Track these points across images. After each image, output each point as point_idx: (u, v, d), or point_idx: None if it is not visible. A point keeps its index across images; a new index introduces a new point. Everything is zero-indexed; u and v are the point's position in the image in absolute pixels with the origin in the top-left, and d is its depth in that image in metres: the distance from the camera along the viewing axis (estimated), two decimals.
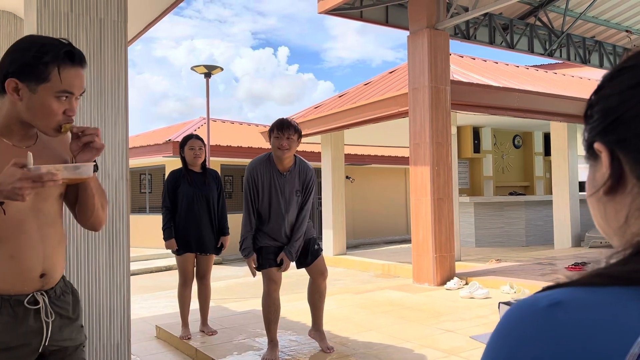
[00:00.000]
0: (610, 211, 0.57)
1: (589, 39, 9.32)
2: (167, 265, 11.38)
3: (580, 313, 0.48)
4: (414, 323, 4.81)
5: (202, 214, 4.33)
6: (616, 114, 0.55)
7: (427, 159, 6.73)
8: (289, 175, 3.64)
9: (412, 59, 6.97)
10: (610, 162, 0.56)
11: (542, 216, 11.66)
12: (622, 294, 0.48)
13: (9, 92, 1.37)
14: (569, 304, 0.49)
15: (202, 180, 4.40)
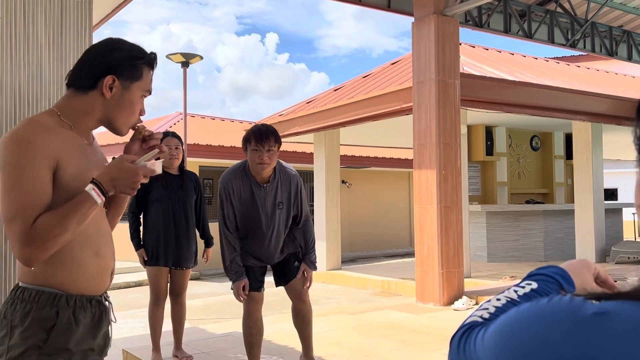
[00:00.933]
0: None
1: (616, 28, 9.40)
2: (137, 280, 11.33)
3: (627, 326, 0.50)
4: (417, 348, 4.81)
5: (179, 222, 4.31)
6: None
7: (433, 161, 6.74)
8: (269, 187, 3.54)
9: (417, 49, 7.00)
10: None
11: (562, 227, 11.71)
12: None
13: (103, 88, 1.61)
14: (615, 315, 0.51)
15: (179, 183, 4.37)
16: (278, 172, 3.59)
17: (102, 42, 1.69)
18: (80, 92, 1.63)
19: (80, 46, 2.41)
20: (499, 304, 0.79)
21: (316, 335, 5.29)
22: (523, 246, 11.44)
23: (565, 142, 12.88)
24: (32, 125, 1.54)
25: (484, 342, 0.66)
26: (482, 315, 0.77)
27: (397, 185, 17.93)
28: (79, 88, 1.63)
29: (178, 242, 4.31)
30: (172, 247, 4.29)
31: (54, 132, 1.56)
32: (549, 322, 0.54)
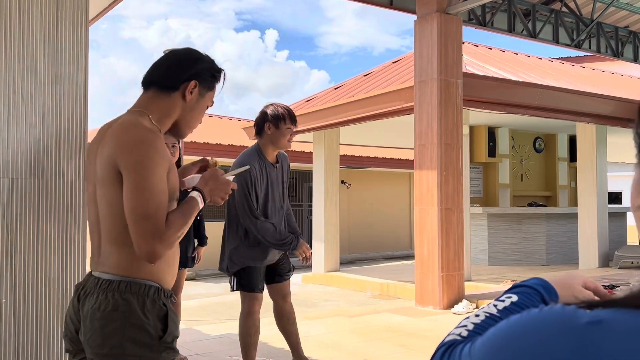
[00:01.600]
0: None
1: (622, 28, 9.41)
2: None
3: (622, 335, 0.50)
4: (417, 352, 4.82)
5: None
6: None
7: (434, 162, 6.75)
8: (279, 167, 3.83)
9: (419, 48, 7.01)
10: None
11: (565, 231, 11.73)
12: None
13: (186, 91, 1.81)
14: (610, 324, 0.51)
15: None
16: (279, 153, 3.89)
17: (186, 50, 1.91)
18: (164, 92, 1.80)
19: (75, 41, 2.42)
20: (478, 320, 0.78)
21: (314, 338, 5.31)
22: (525, 250, 11.45)
23: (569, 144, 12.89)
24: (149, 130, 1.72)
25: (472, 356, 0.65)
26: (460, 333, 0.76)
27: (397, 186, 17.95)
28: (163, 88, 1.79)
29: None
30: None
31: (161, 137, 1.77)
32: (543, 331, 0.54)
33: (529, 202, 12.33)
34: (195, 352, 4.82)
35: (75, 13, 2.42)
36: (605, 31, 9.19)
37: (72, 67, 2.40)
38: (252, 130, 12.86)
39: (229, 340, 5.27)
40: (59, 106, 2.37)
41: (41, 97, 2.35)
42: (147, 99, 1.80)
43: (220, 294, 9.75)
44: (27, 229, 2.30)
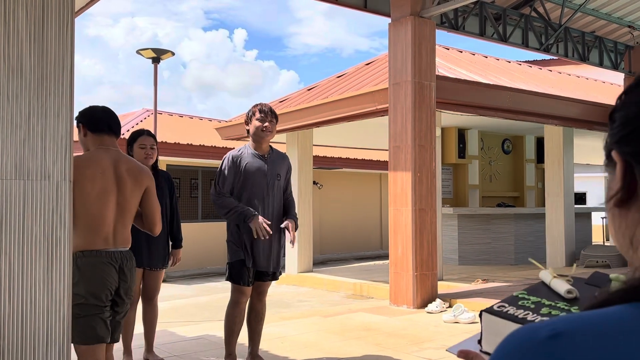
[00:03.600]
0: (621, 226, 0.62)
1: (588, 33, 9.69)
2: None
3: (580, 345, 0.51)
4: (392, 351, 4.89)
5: None
6: (634, 124, 0.59)
7: (408, 163, 6.85)
8: (269, 158, 4.22)
9: (393, 50, 7.10)
10: (624, 174, 0.60)
11: (533, 231, 12.00)
12: (625, 319, 0.52)
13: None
14: (569, 335, 0.52)
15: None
16: (274, 150, 4.32)
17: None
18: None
19: (62, 39, 2.41)
20: None
21: (290, 338, 5.34)
22: (494, 249, 11.67)
23: (537, 145, 13.18)
24: None
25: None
26: None
27: (368, 186, 18.08)
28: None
29: (152, 243, 4.30)
30: (146, 248, 4.29)
31: None
32: (508, 356, 0.54)
33: (498, 202, 12.57)
34: (172, 354, 4.80)
35: (60, 13, 2.41)
36: (573, 36, 9.44)
37: (58, 68, 2.39)
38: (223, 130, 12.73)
39: (206, 341, 5.26)
40: (44, 106, 2.36)
41: (27, 97, 2.33)
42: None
43: (192, 296, 9.69)
44: (13, 231, 2.28)
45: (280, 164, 4.30)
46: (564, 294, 1.00)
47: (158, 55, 10.55)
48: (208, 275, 12.80)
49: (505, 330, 0.93)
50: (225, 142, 13.14)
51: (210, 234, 14.06)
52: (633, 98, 0.62)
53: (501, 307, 1.00)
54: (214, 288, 10.45)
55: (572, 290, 1.00)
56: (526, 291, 1.04)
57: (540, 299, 1.00)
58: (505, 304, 1.01)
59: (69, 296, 2.39)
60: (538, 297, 1.01)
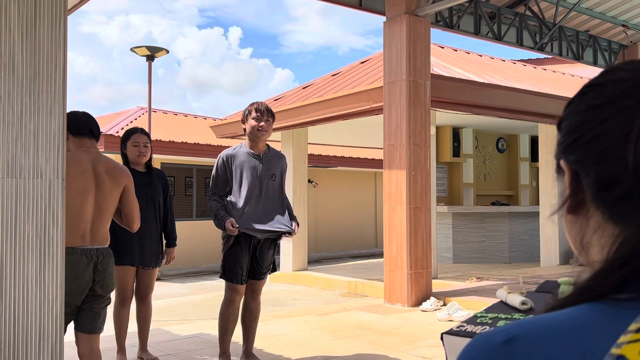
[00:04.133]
0: (572, 231, 0.64)
1: (582, 32, 9.71)
2: None
3: (535, 348, 0.53)
4: (386, 349, 4.90)
5: (147, 219, 4.29)
6: (577, 133, 0.62)
7: (403, 162, 6.85)
8: (265, 158, 4.21)
9: (388, 49, 7.09)
10: (571, 182, 0.62)
11: (527, 230, 12.03)
12: (576, 320, 0.54)
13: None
14: (523, 339, 0.54)
15: (147, 181, 4.37)
16: (271, 149, 4.32)
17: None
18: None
19: (54, 36, 2.39)
20: None
21: (285, 337, 5.34)
22: (488, 248, 11.70)
23: (531, 144, 13.22)
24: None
25: None
26: None
27: (364, 185, 18.08)
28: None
29: (145, 241, 4.30)
30: (139, 246, 4.28)
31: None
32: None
33: (492, 201, 12.59)
34: (166, 352, 4.79)
35: (53, 10, 2.39)
36: (567, 35, 9.46)
37: (50, 65, 2.37)
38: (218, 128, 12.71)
39: (200, 340, 5.25)
40: (37, 103, 2.35)
41: (19, 94, 2.31)
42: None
43: (186, 294, 9.67)
44: (5, 230, 2.27)
45: (276, 163, 4.27)
46: (518, 305, 1.05)
47: (152, 53, 10.51)
48: (202, 273, 12.78)
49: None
50: (220, 140, 13.12)
51: (204, 232, 14.04)
52: (576, 108, 0.64)
53: (460, 327, 1.04)
54: (208, 286, 10.43)
55: (526, 302, 1.05)
56: (484, 310, 1.07)
57: (497, 314, 1.04)
58: (464, 324, 1.05)
59: (61, 295, 2.38)
60: (495, 313, 1.04)
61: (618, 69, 0.64)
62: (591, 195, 0.60)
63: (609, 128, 0.58)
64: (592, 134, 0.60)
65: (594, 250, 0.60)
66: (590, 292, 0.56)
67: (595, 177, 0.59)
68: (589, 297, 0.56)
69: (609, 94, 0.61)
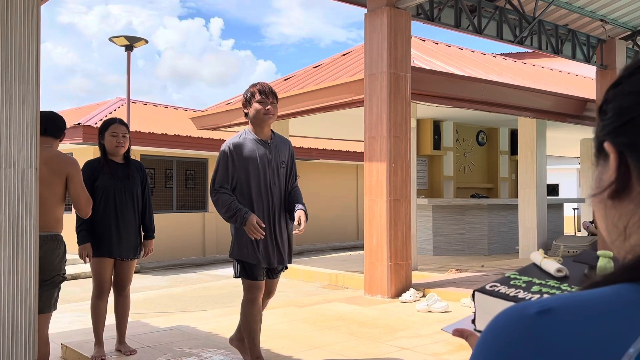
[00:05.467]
0: (613, 217, 0.62)
1: (561, 27, 9.78)
2: (72, 273, 11.01)
3: (570, 321, 0.53)
4: (366, 340, 4.92)
5: (125, 211, 4.26)
6: (630, 115, 0.59)
7: (383, 154, 6.87)
8: (272, 144, 3.85)
9: (369, 41, 7.09)
10: (618, 165, 0.60)
11: (506, 222, 12.15)
12: (615, 297, 0.54)
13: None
14: (559, 311, 0.54)
15: (125, 172, 4.33)
16: (276, 134, 3.95)
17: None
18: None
19: (27, 25, 2.34)
20: None
21: (266, 328, 5.32)
22: (468, 240, 11.80)
23: (510, 137, 13.33)
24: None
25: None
26: None
27: (345, 178, 18.11)
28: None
29: (124, 233, 4.26)
30: (117, 238, 4.24)
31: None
32: (499, 335, 0.56)
33: (472, 193, 12.69)
34: (144, 345, 4.75)
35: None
36: (546, 29, 9.53)
37: (23, 53, 2.32)
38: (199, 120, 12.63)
39: (179, 332, 5.22)
40: (9, 92, 2.30)
41: None
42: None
43: (166, 287, 9.62)
44: None
45: (283, 149, 3.90)
46: (554, 272, 1.02)
47: (131, 43, 10.38)
48: (183, 266, 12.71)
49: (497, 308, 0.95)
50: (201, 132, 13.02)
51: (185, 224, 13.96)
52: (626, 89, 0.61)
53: (493, 287, 1.02)
54: (188, 279, 10.38)
55: (561, 269, 1.02)
56: (518, 272, 1.06)
57: (531, 279, 1.02)
58: (497, 283, 1.03)
59: (35, 286, 2.34)
60: (529, 277, 1.03)
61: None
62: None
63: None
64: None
65: (638, 233, 0.59)
66: (633, 273, 0.55)
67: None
68: (631, 278, 0.55)
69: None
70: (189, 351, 4.59)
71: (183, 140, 13.34)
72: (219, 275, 10.70)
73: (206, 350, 4.62)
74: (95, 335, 4.37)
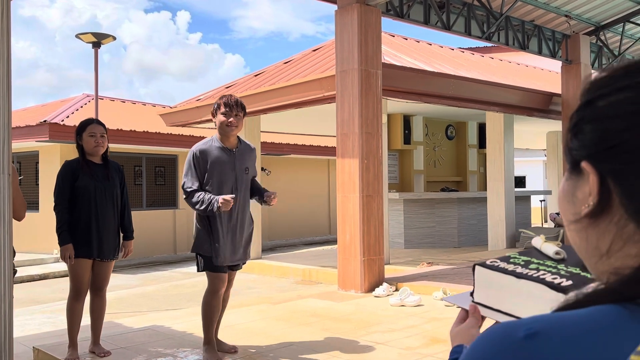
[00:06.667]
0: (592, 237, 0.62)
1: (528, 22, 9.96)
2: (41, 273, 10.84)
3: (557, 345, 0.53)
4: (340, 335, 4.97)
5: (105, 212, 4.28)
6: (614, 141, 0.58)
7: (355, 151, 6.92)
8: (237, 152, 4.17)
9: (340, 38, 7.12)
10: (600, 188, 0.59)
11: (475, 214, 12.36)
12: (601, 319, 0.55)
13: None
14: (545, 335, 0.54)
15: (104, 173, 4.35)
16: (242, 142, 4.28)
17: None
18: None
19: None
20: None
21: (239, 326, 5.35)
22: (438, 233, 11.97)
23: (479, 131, 13.54)
24: None
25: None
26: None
27: (317, 173, 18.15)
28: None
29: (104, 233, 4.28)
30: (98, 238, 4.26)
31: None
32: (486, 354, 0.56)
33: (442, 187, 12.87)
34: (119, 346, 4.73)
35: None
36: (513, 24, 9.69)
37: None
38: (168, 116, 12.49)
39: (153, 332, 5.20)
40: None
41: None
42: None
43: (138, 286, 9.53)
44: None
45: (248, 156, 4.25)
46: (552, 255, 1.07)
47: (99, 40, 10.22)
48: (154, 264, 12.60)
49: (495, 281, 1.02)
50: (170, 128, 12.90)
51: (155, 222, 13.84)
52: (609, 112, 0.59)
53: (493, 262, 1.07)
54: (160, 277, 10.30)
55: (560, 252, 1.06)
56: (518, 253, 1.11)
57: (530, 258, 1.07)
58: (497, 260, 1.08)
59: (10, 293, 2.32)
60: (528, 257, 1.08)
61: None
62: (632, 209, 0.57)
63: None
64: (635, 143, 0.56)
65: (620, 255, 0.59)
66: (618, 295, 0.55)
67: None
68: (616, 299, 0.55)
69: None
70: (164, 351, 4.58)
71: (152, 136, 13.20)
72: (190, 273, 10.64)
73: (181, 349, 4.62)
74: (70, 338, 4.33)
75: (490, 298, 1.03)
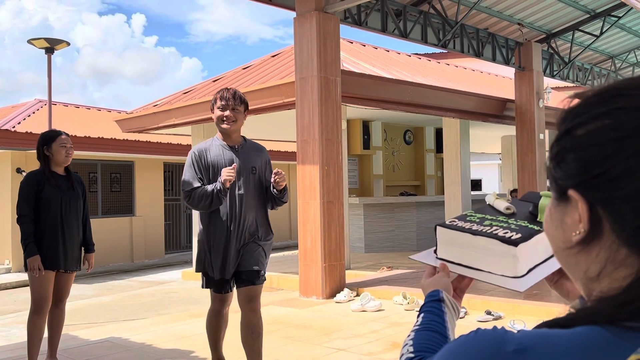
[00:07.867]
0: (581, 262, 0.63)
1: (482, 30, 10.21)
2: None
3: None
4: (302, 343, 4.98)
5: (70, 223, 4.24)
6: (598, 169, 0.59)
7: (316, 157, 6.95)
8: (241, 150, 3.75)
9: (299, 45, 7.15)
10: (590, 216, 0.60)
11: (433, 218, 12.55)
12: (587, 339, 0.57)
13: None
14: (534, 351, 0.56)
15: (68, 184, 4.31)
16: (248, 140, 3.85)
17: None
18: None
19: None
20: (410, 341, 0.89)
21: (199, 336, 5.29)
22: (398, 236, 12.11)
23: (436, 136, 13.78)
24: None
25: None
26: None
27: None
28: None
29: (69, 244, 4.24)
30: (63, 250, 4.20)
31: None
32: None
33: (401, 191, 13.02)
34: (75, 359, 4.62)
35: None
36: (468, 32, 9.91)
37: None
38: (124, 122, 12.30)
39: (111, 344, 5.11)
40: None
41: None
42: None
43: (94, 296, 9.31)
44: None
45: (255, 155, 3.77)
46: (503, 210, 1.16)
47: (52, 46, 9.96)
48: (110, 273, 12.34)
49: (455, 239, 1.12)
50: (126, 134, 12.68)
51: (111, 229, 13.56)
52: (589, 140, 0.60)
53: (452, 222, 1.16)
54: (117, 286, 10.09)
55: (510, 207, 1.16)
56: (474, 211, 1.21)
57: (484, 215, 1.16)
58: (455, 219, 1.17)
59: None
60: (482, 214, 1.17)
61: (626, 96, 0.60)
62: (624, 235, 0.58)
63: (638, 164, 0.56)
64: (619, 170, 0.57)
65: (608, 279, 0.60)
66: (604, 316, 0.57)
67: (632, 218, 0.57)
68: (602, 320, 0.57)
69: (630, 125, 0.58)
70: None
71: (107, 143, 12.95)
72: (148, 282, 10.46)
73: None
74: (29, 354, 4.21)
75: (452, 254, 1.13)
